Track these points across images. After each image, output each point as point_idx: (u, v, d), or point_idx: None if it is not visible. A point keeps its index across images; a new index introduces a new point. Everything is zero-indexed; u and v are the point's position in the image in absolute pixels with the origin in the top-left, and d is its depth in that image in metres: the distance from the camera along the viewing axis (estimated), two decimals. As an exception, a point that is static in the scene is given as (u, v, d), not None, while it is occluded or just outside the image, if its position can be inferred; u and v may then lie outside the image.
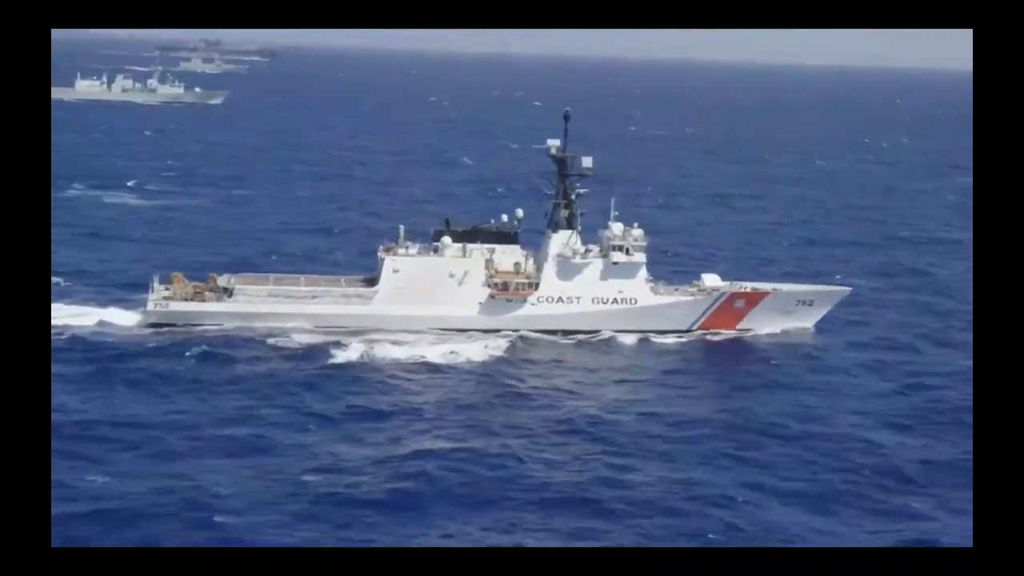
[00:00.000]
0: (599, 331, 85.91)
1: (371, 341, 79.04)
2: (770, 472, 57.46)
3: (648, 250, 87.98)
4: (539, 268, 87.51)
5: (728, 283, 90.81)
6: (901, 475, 57.81)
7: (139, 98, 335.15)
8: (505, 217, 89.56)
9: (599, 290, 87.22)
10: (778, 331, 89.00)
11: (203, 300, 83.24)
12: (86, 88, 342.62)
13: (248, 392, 66.64)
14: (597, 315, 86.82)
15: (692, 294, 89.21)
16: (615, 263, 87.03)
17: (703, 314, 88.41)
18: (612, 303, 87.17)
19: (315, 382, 69.37)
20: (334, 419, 62.48)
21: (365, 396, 67.16)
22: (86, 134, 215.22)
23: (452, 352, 78.27)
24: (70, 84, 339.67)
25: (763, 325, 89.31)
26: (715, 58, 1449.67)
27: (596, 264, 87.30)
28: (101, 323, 78.90)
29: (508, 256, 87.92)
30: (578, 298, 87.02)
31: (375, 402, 66.15)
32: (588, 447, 60.04)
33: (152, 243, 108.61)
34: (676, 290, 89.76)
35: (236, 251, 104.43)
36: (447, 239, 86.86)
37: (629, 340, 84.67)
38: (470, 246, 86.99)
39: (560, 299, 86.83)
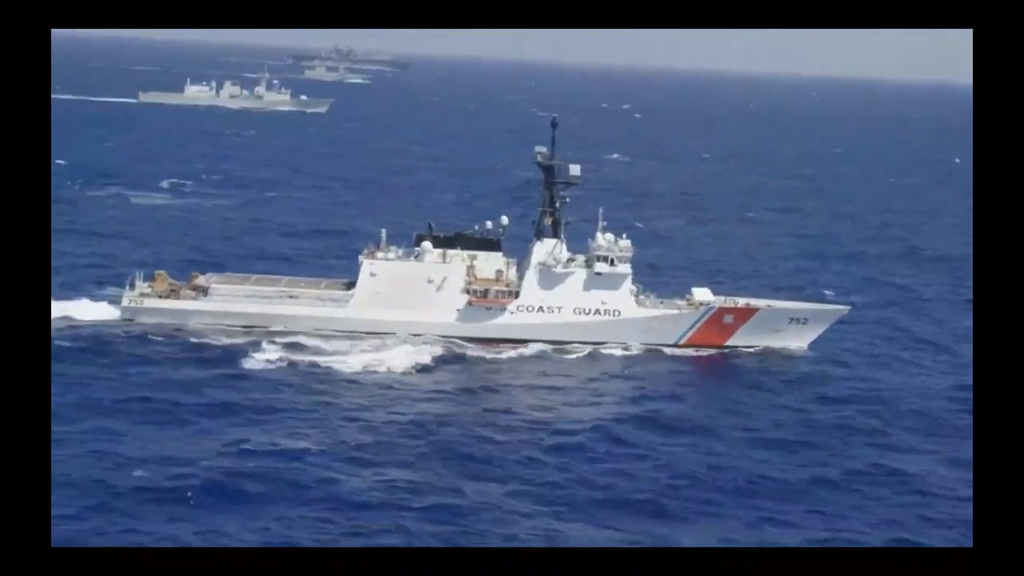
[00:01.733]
0: (579, 343, 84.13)
1: (295, 345, 78.10)
2: (578, 484, 55.81)
3: (640, 262, 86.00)
4: (522, 276, 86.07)
5: (721, 298, 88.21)
6: (732, 490, 56.15)
7: (245, 104, 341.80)
8: (490, 224, 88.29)
9: (581, 300, 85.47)
10: (769, 348, 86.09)
11: (178, 298, 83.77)
12: (195, 93, 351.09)
13: (131, 386, 66.66)
14: (578, 326, 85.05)
15: (679, 308, 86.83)
16: (598, 273, 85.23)
17: (690, 328, 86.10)
18: (594, 314, 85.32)
19: (205, 381, 69.14)
20: (193, 417, 62.24)
21: (244, 395, 66.74)
22: (156, 135, 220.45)
23: (376, 359, 77.00)
24: (180, 89, 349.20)
25: (754, 342, 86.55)
26: (846, 74, 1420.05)
27: (579, 274, 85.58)
28: (65, 318, 79.23)
29: (490, 263, 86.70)
30: (559, 308, 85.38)
31: (249, 401, 65.69)
32: (425, 450, 59.13)
33: (151, 242, 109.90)
34: (662, 303, 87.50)
35: (233, 251, 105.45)
36: (427, 244, 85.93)
37: (576, 354, 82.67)
38: (450, 252, 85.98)
39: (541, 308, 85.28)
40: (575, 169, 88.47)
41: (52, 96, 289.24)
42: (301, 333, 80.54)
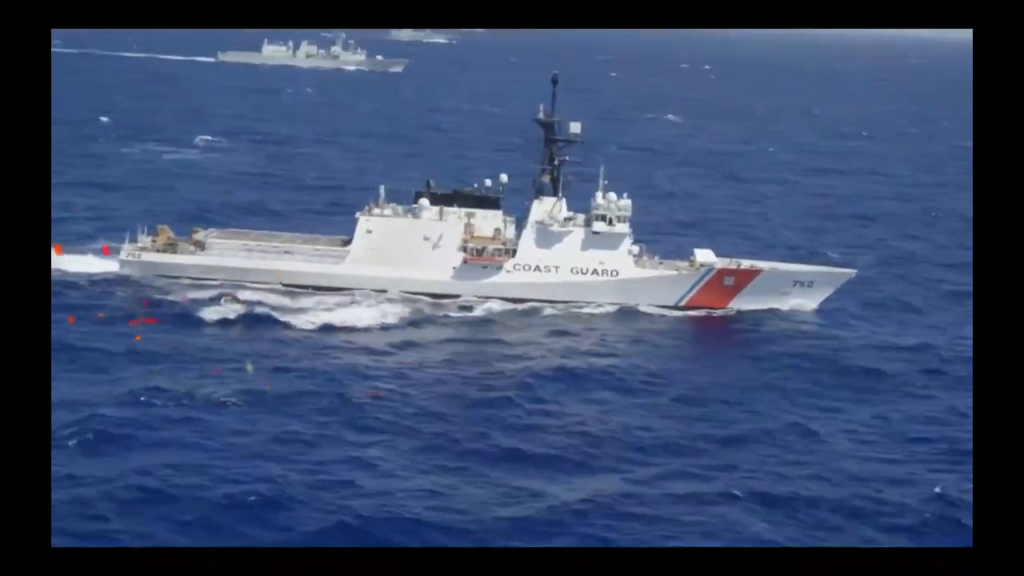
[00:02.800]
0: (577, 302, 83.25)
1: (258, 302, 77.41)
2: (480, 439, 55.08)
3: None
4: (520, 235, 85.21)
5: (725, 259, 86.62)
6: (636, 447, 55.60)
7: (319, 64, 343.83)
8: (489, 181, 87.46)
9: (578, 260, 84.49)
10: (772, 310, 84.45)
11: (175, 252, 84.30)
12: (272, 52, 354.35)
13: (71, 335, 66.61)
14: (575, 286, 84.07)
15: (679, 269, 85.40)
16: (596, 233, 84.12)
17: (690, 290, 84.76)
18: (591, 274, 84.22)
19: (149, 332, 68.88)
20: (116, 366, 62.12)
21: (182, 346, 66.49)
22: (214, 93, 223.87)
23: (339, 318, 75.89)
24: (258, 48, 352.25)
25: (757, 305, 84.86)
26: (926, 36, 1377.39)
27: (577, 233, 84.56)
28: (56, 271, 79.30)
29: (489, 221, 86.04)
30: (556, 267, 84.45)
31: (183, 354, 65.36)
32: (337, 405, 58.48)
33: (165, 197, 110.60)
34: (661, 264, 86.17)
35: (242, 206, 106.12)
36: (424, 201, 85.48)
37: (550, 311, 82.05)
38: (447, 209, 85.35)
39: (537, 267, 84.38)
40: (575, 127, 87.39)
41: (121, 54, 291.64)
42: (269, 290, 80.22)
